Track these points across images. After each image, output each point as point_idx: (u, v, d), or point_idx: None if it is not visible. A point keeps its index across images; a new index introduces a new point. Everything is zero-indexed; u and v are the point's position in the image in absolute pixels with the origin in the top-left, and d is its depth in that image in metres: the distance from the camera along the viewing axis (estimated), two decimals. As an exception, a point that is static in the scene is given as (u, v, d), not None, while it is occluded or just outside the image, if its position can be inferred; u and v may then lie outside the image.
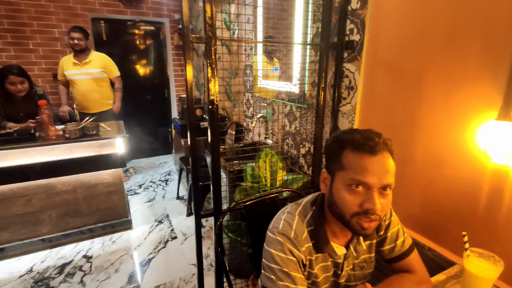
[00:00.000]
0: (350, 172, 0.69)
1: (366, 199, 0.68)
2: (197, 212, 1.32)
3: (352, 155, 0.70)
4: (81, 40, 3.05)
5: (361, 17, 1.34)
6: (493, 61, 0.90)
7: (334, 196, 0.73)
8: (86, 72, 3.16)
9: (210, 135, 1.23)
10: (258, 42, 1.91)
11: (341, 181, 0.71)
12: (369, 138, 0.70)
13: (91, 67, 3.18)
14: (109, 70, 3.29)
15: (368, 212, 0.68)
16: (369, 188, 0.68)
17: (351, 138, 0.71)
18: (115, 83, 3.40)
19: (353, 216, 0.70)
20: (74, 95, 3.24)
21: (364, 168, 0.67)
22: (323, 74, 1.40)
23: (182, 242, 2.47)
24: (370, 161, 0.68)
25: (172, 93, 4.54)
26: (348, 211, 0.70)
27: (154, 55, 4.37)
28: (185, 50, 1.13)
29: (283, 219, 0.82)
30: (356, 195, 0.69)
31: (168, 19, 4.20)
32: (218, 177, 1.29)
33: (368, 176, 0.67)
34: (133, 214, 2.93)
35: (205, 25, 1.14)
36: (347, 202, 0.70)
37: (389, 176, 0.68)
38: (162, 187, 3.57)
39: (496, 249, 0.93)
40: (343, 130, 0.78)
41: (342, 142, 0.73)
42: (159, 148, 4.69)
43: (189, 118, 1.23)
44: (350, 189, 0.69)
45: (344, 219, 0.72)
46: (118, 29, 4.01)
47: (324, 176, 0.79)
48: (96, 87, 3.24)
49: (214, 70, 1.20)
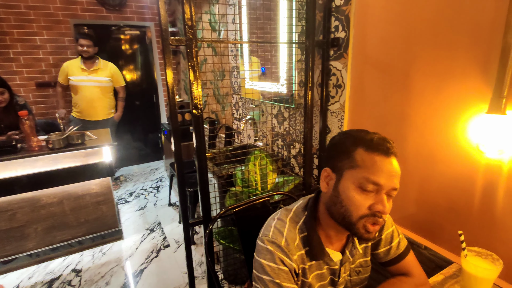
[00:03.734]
0: (363, 171, 0.66)
1: (376, 201, 0.66)
2: (185, 219, 1.27)
3: (366, 154, 0.67)
4: (90, 47, 3.06)
5: (346, 14, 1.31)
6: (481, 54, 0.87)
7: (341, 195, 0.69)
8: (94, 79, 3.16)
9: (195, 141, 1.18)
10: (242, 43, 1.87)
11: (350, 179, 0.68)
12: (384, 139, 0.68)
13: (99, 75, 3.18)
14: (115, 79, 3.33)
15: (376, 214, 0.66)
16: (379, 190, 0.66)
17: (366, 137, 0.69)
18: (120, 93, 3.45)
19: (361, 218, 0.67)
20: (76, 101, 3.20)
21: (379, 169, 0.65)
22: (310, 73, 1.37)
23: (175, 250, 2.41)
24: (384, 162, 0.66)
25: (160, 98, 4.47)
26: (356, 212, 0.67)
27: (141, 59, 4.29)
28: (164, 53, 1.08)
29: (273, 226, 0.78)
30: (366, 196, 0.66)
31: (153, 23, 4.14)
32: (206, 183, 1.25)
33: (382, 177, 0.65)
34: (123, 223, 2.85)
35: (184, 27, 1.10)
36: (356, 202, 0.66)
37: (397, 180, 0.67)
38: (153, 194, 3.50)
39: (493, 246, 0.91)
40: (355, 130, 0.74)
41: (355, 139, 0.70)
42: (149, 154, 4.61)
43: (172, 123, 1.18)
44: (361, 189, 0.66)
45: (349, 220, 0.68)
46: (102, 35, 3.92)
47: (326, 175, 0.74)
48: (102, 95, 3.25)
49: (196, 73, 1.15)
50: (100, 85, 3.20)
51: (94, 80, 3.16)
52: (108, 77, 3.24)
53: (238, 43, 2.17)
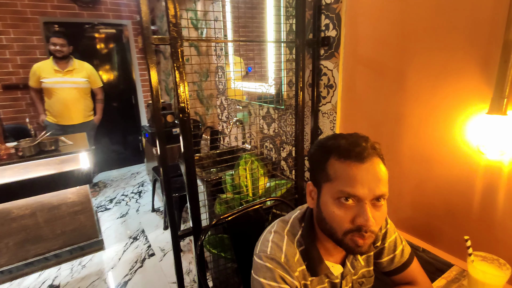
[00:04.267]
0: (337, 183, 0.61)
1: (358, 213, 0.59)
2: (174, 232, 1.19)
3: (338, 164, 0.61)
4: (64, 46, 2.88)
5: (337, 12, 1.27)
6: (480, 52, 0.85)
7: (323, 211, 0.64)
8: (70, 80, 2.98)
9: (183, 148, 1.11)
10: (230, 41, 1.79)
11: (328, 193, 0.63)
12: (355, 143, 0.62)
13: (75, 76, 3.01)
14: (93, 80, 3.17)
15: (361, 228, 0.60)
16: (360, 201, 0.60)
17: (336, 144, 0.63)
18: (98, 94, 3.29)
19: (346, 234, 0.61)
20: (51, 105, 3.00)
21: (353, 178, 0.59)
22: (301, 72, 1.32)
23: (161, 259, 2.31)
24: (358, 169, 0.59)
25: (140, 99, 4.30)
26: (340, 228, 0.62)
27: (118, 59, 4.10)
28: (146, 53, 0.99)
29: (270, 241, 0.72)
30: (346, 210, 0.60)
31: (130, 21, 3.96)
32: (195, 191, 1.17)
33: (358, 187, 0.59)
34: (104, 233, 2.70)
35: (168, 25, 1.02)
36: (336, 218, 0.61)
37: (381, 185, 0.60)
38: (135, 200, 3.35)
39: (494, 249, 0.90)
40: (327, 136, 0.69)
41: (326, 149, 0.65)
42: (129, 158, 4.43)
43: (157, 126, 1.09)
44: (339, 202, 0.61)
45: (336, 237, 0.63)
46: (75, 33, 3.71)
47: (310, 189, 0.70)
48: (79, 97, 3.08)
49: (182, 74, 1.07)
50: (77, 87, 3.02)
51: (70, 82, 2.98)
52: (84, 77, 3.06)
53: (225, 42, 2.09)
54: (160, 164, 1.14)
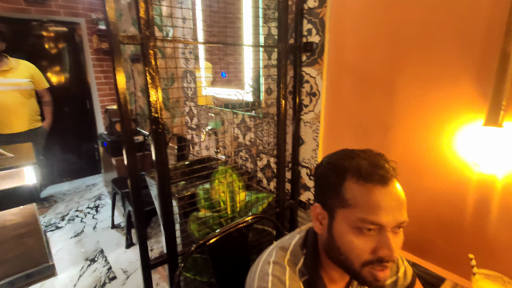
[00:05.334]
0: (357, 210, 0.54)
1: (381, 244, 0.53)
2: (145, 261, 1.03)
3: (357, 188, 0.54)
4: None
5: (320, 17, 1.22)
6: (474, 61, 0.84)
7: (337, 240, 0.57)
8: (9, 82, 2.58)
9: (157, 164, 0.96)
10: (201, 43, 1.66)
11: (345, 221, 0.56)
12: (377, 164, 0.55)
13: (15, 76, 2.61)
14: (37, 81, 2.79)
15: (383, 260, 0.53)
16: (382, 229, 0.53)
17: (354, 164, 0.56)
18: (44, 96, 2.92)
19: (365, 266, 0.55)
20: None
21: (377, 205, 0.52)
22: (283, 79, 1.24)
23: (124, 282, 2.07)
24: (381, 194, 0.53)
25: (95, 104, 3.94)
26: (358, 260, 0.55)
27: (70, 60, 3.72)
28: (113, 53, 0.84)
29: (271, 275, 0.62)
30: (366, 239, 0.54)
31: (84, 19, 3.62)
32: (171, 214, 1.02)
33: (383, 215, 0.52)
34: (55, 256, 2.38)
35: (139, 22, 0.88)
36: (356, 249, 0.54)
37: (404, 211, 0.55)
38: (91, 215, 3.02)
39: (487, 262, 0.88)
40: (338, 153, 0.62)
41: (342, 170, 0.57)
42: (84, 169, 4.02)
43: (125, 134, 0.93)
44: (359, 231, 0.54)
45: (352, 269, 0.56)
46: (20, 31, 3.29)
47: (318, 212, 0.62)
48: (23, 100, 2.69)
49: (155, 79, 0.93)
50: (18, 88, 2.64)
51: (8, 83, 2.59)
52: (26, 78, 2.69)
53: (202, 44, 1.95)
54: (129, 176, 0.98)
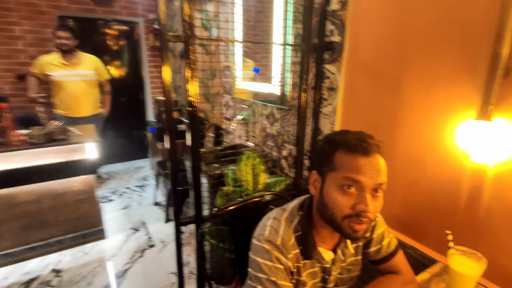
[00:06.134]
0: (342, 171, 0.67)
1: (359, 200, 0.67)
2: (177, 219, 1.26)
3: (345, 156, 0.68)
4: (69, 40, 2.90)
5: (341, 18, 1.34)
6: (471, 62, 0.92)
7: (325, 198, 0.71)
8: (77, 73, 3.02)
9: (191, 139, 1.18)
10: (238, 42, 1.87)
11: (332, 182, 0.70)
12: (362, 139, 0.69)
13: (82, 68, 3.05)
14: (100, 73, 3.22)
15: (361, 214, 0.67)
16: (362, 189, 0.67)
17: (344, 138, 0.70)
18: (105, 86, 3.35)
19: (345, 219, 0.68)
20: (61, 99, 3.04)
21: (357, 167, 0.66)
22: (305, 75, 1.39)
23: (161, 250, 2.37)
24: (363, 161, 0.67)
25: (147, 95, 4.39)
26: (340, 213, 0.68)
27: (128, 56, 4.20)
28: (162, 49, 1.07)
29: (269, 226, 0.79)
30: (348, 197, 0.67)
31: (143, 19, 4.07)
32: (199, 182, 1.24)
33: (362, 175, 0.66)
34: (106, 222, 2.77)
35: (183, 23, 1.09)
36: (339, 204, 0.68)
37: (381, 175, 0.68)
38: (138, 193, 3.43)
39: (477, 246, 0.96)
40: (335, 131, 0.77)
41: (334, 143, 0.72)
42: (134, 152, 4.51)
43: (168, 121, 1.16)
44: (342, 190, 0.68)
45: (335, 222, 0.70)
46: (88, 29, 3.82)
47: (314, 178, 0.77)
48: (88, 89, 3.14)
49: (193, 71, 1.15)
50: (85, 79, 3.08)
51: (78, 74, 3.03)
52: (92, 70, 3.12)
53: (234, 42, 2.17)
54: (169, 157, 1.20)
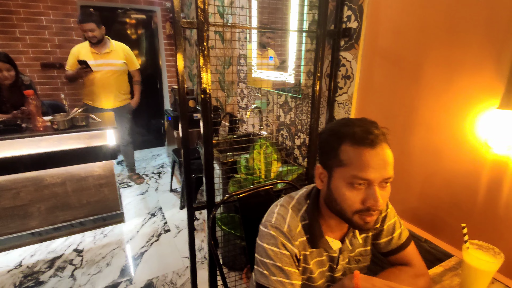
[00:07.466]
0: (351, 168, 0.66)
1: (368, 195, 0.66)
2: (190, 204, 1.29)
3: (351, 150, 0.66)
4: (95, 31, 2.74)
5: (359, 3, 1.29)
6: (495, 48, 0.86)
7: (334, 194, 0.70)
8: (108, 63, 2.91)
9: (203, 126, 1.19)
10: (252, 28, 1.85)
11: (340, 177, 0.68)
12: (368, 130, 0.66)
13: (113, 57, 2.93)
14: (130, 62, 3.08)
15: (371, 208, 0.66)
16: (370, 184, 0.66)
17: (350, 131, 0.67)
18: (135, 76, 3.22)
19: (355, 214, 0.68)
20: (90, 89, 2.94)
21: (366, 164, 0.64)
22: (319, 63, 1.36)
23: (175, 235, 2.44)
24: (370, 155, 0.64)
25: (164, 84, 4.45)
26: (350, 209, 0.68)
27: (146, 44, 4.26)
28: (175, 35, 1.07)
29: (276, 213, 0.79)
30: (358, 192, 0.66)
31: (160, 8, 4.09)
32: (211, 168, 1.25)
33: (370, 172, 0.64)
34: (125, 207, 2.88)
35: (196, 10, 1.09)
36: (348, 200, 0.67)
37: (389, 169, 0.66)
38: (155, 179, 3.52)
39: (496, 241, 0.91)
40: (338, 122, 0.74)
41: (339, 135, 0.69)
42: (151, 140, 4.62)
43: (181, 108, 1.18)
44: (352, 186, 0.66)
45: (346, 216, 0.70)
46: (108, 18, 3.89)
47: (320, 171, 0.75)
48: (118, 79, 3.02)
49: (206, 58, 1.15)
50: (115, 69, 2.95)
51: (108, 64, 2.91)
52: (122, 59, 2.99)
53: (248, 29, 2.15)
54: (182, 143, 1.22)
